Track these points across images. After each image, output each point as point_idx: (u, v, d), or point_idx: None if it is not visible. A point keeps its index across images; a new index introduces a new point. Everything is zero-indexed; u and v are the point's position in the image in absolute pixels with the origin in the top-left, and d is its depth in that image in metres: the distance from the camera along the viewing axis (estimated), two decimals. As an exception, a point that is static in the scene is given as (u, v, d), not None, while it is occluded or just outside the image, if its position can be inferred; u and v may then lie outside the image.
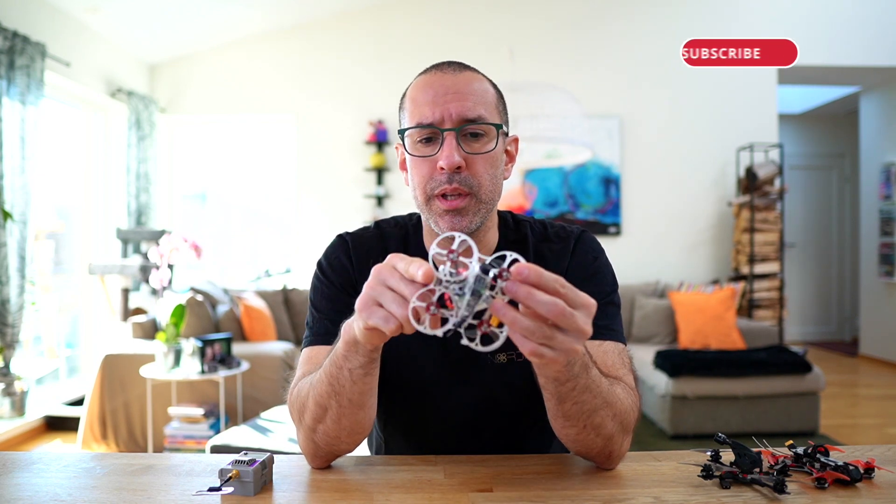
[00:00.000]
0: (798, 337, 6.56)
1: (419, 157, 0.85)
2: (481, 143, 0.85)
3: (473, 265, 0.58)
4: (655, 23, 4.89)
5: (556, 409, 0.74)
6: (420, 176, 0.85)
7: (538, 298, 0.56)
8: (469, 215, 0.84)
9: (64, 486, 0.74)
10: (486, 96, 0.86)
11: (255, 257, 5.28)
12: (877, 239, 5.45)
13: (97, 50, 4.14)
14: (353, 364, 0.73)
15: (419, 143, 0.85)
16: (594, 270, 0.92)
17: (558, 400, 0.72)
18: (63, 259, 4.18)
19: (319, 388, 0.77)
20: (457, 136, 0.83)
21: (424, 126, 0.84)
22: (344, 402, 0.75)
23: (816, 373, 3.32)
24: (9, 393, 3.32)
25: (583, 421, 0.73)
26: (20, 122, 3.20)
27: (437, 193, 0.84)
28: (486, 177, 0.85)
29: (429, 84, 0.85)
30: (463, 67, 0.87)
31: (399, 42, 4.90)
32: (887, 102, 5.41)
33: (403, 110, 0.88)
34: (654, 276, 4.79)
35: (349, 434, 0.78)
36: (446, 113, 0.83)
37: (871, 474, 0.75)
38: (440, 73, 0.86)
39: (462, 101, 0.83)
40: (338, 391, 0.75)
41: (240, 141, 5.25)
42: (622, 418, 0.76)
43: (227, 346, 3.04)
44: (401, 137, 0.87)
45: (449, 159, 0.81)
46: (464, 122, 0.83)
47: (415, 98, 0.86)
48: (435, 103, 0.83)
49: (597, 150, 4.63)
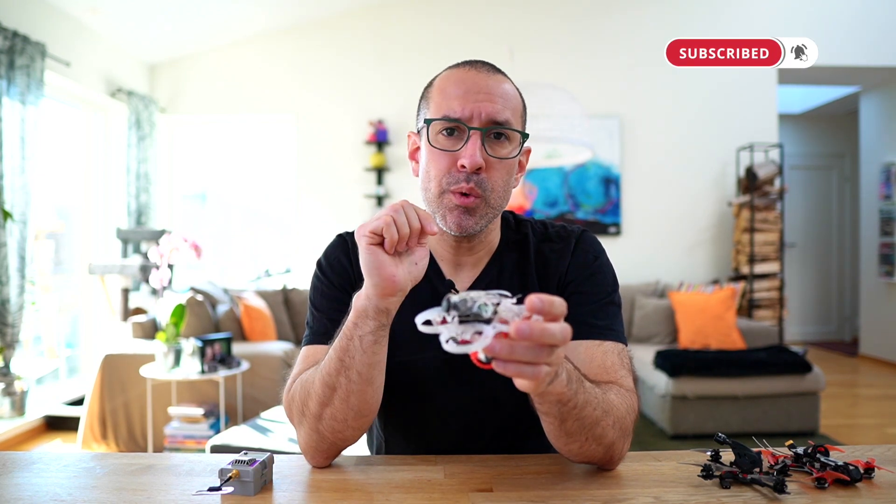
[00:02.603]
0: (798, 337, 6.56)
1: (441, 149, 0.84)
2: (505, 148, 0.85)
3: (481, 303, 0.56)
4: (656, 23, 4.89)
5: (559, 430, 0.73)
6: (438, 169, 0.85)
7: (550, 332, 0.54)
8: (476, 216, 0.84)
9: (64, 486, 0.74)
10: (514, 102, 0.86)
11: (255, 257, 5.28)
12: (877, 239, 5.45)
13: (97, 50, 4.14)
14: (363, 331, 0.74)
15: (441, 136, 0.85)
16: (595, 270, 0.92)
17: (560, 421, 0.71)
18: (63, 259, 4.18)
19: (328, 366, 0.77)
20: (482, 137, 0.83)
21: (452, 120, 0.83)
22: (353, 376, 0.75)
23: (816, 373, 3.32)
24: (9, 393, 3.32)
25: (585, 434, 0.73)
26: (20, 122, 3.20)
27: (452, 189, 0.84)
28: (500, 182, 0.85)
29: (461, 79, 0.85)
30: (495, 70, 0.88)
31: (399, 42, 4.90)
32: (887, 102, 5.41)
33: (429, 100, 0.88)
34: (654, 276, 4.79)
35: (356, 416, 0.78)
36: (476, 111, 0.82)
37: (871, 474, 0.75)
38: (474, 71, 0.86)
39: (493, 102, 0.83)
40: (347, 365, 0.75)
41: (240, 141, 5.25)
42: (621, 424, 0.76)
43: (227, 345, 3.04)
44: (426, 126, 0.86)
45: (472, 158, 0.81)
46: (491, 124, 0.83)
47: (444, 90, 0.85)
48: (466, 99, 0.83)
49: (597, 150, 4.63)
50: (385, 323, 0.75)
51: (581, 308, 0.87)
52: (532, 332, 0.53)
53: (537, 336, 0.53)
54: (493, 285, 0.92)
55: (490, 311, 0.55)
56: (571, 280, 0.92)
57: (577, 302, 0.87)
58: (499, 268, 0.94)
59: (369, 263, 0.71)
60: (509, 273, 0.93)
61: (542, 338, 0.53)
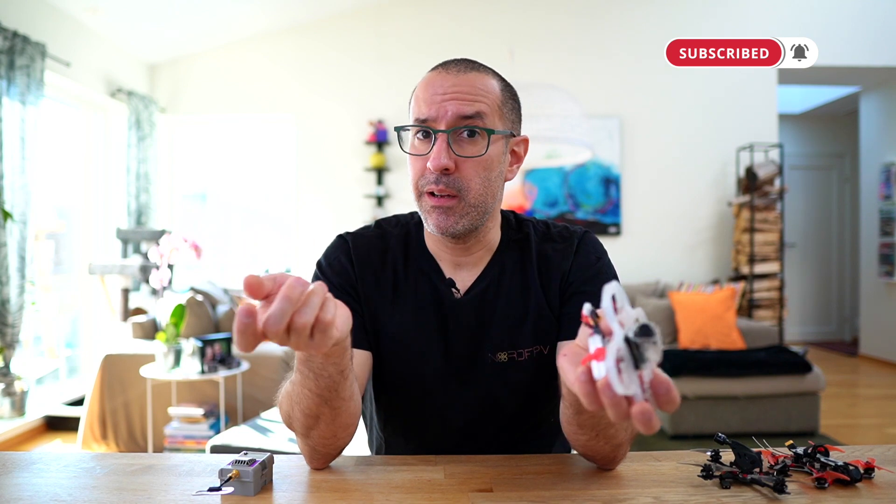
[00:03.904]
0: (798, 337, 6.56)
1: (414, 154, 0.86)
2: (475, 146, 0.84)
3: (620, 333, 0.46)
4: (656, 23, 4.89)
5: (573, 418, 0.73)
6: (414, 172, 0.86)
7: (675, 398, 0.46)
8: (455, 216, 0.84)
9: (64, 486, 0.74)
10: (490, 96, 0.85)
11: (255, 257, 5.28)
12: (877, 239, 5.45)
13: (97, 50, 4.14)
14: (331, 371, 0.69)
15: (417, 139, 0.86)
16: (597, 271, 0.92)
17: (577, 411, 0.71)
18: (63, 259, 4.18)
19: (305, 402, 0.73)
20: (448, 138, 0.82)
21: (416, 125, 0.84)
22: (337, 403, 0.73)
23: (816, 373, 3.32)
24: (9, 393, 3.32)
25: (596, 430, 0.73)
26: (20, 122, 3.20)
27: (426, 191, 0.84)
28: (475, 180, 0.84)
29: (431, 82, 0.85)
30: (470, 66, 0.86)
31: (399, 42, 4.90)
32: (887, 102, 5.41)
33: (410, 106, 0.89)
34: (654, 276, 4.79)
35: (344, 428, 0.78)
36: (441, 112, 0.82)
37: (871, 474, 0.75)
38: (444, 72, 0.85)
39: (459, 100, 0.82)
40: (328, 398, 0.72)
41: (240, 141, 5.25)
42: (630, 427, 0.76)
43: (227, 346, 3.04)
44: (400, 133, 0.87)
45: (435, 161, 0.82)
46: (459, 121, 0.82)
47: (417, 95, 0.86)
48: (433, 101, 0.83)
49: (597, 150, 4.63)
50: (349, 358, 0.71)
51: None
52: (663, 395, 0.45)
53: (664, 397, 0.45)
54: (494, 284, 0.92)
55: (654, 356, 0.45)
56: (574, 280, 0.92)
57: (579, 302, 0.87)
58: (500, 267, 0.94)
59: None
60: (510, 272, 0.93)
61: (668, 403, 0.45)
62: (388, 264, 0.94)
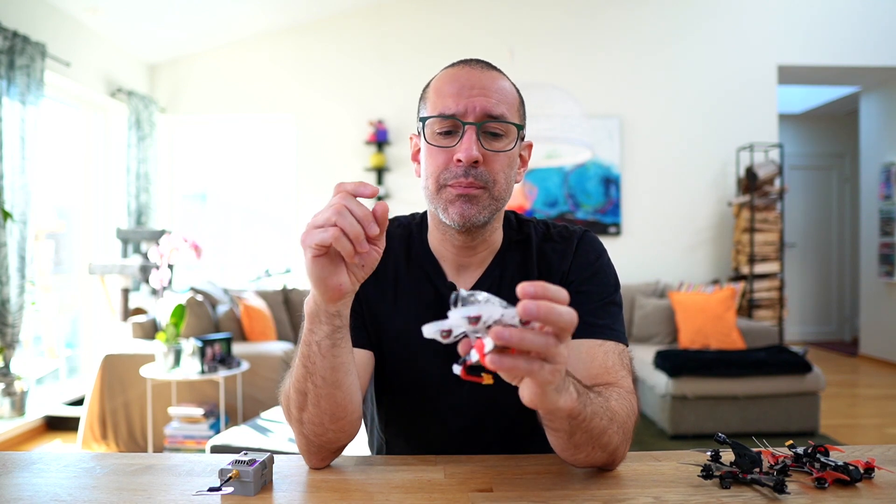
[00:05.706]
0: (798, 337, 6.56)
1: (437, 146, 0.85)
2: (501, 141, 0.85)
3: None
4: (656, 23, 4.90)
5: (567, 443, 0.72)
6: (435, 165, 0.85)
7: (558, 311, 0.53)
8: (479, 206, 0.84)
9: (64, 486, 0.74)
10: (510, 98, 0.87)
11: (255, 257, 5.28)
12: (877, 239, 5.45)
13: (97, 50, 4.14)
14: (319, 336, 0.72)
15: (438, 134, 0.85)
16: (596, 270, 0.92)
17: (570, 435, 0.70)
18: (63, 259, 4.18)
19: (296, 373, 0.76)
20: (477, 131, 0.83)
21: (446, 117, 0.84)
22: (318, 381, 0.74)
23: (816, 373, 3.32)
24: (9, 393, 3.32)
25: (592, 444, 0.72)
26: (20, 122, 3.20)
27: (450, 184, 0.84)
28: (501, 174, 0.85)
29: (455, 77, 0.86)
30: (490, 67, 0.88)
31: (399, 42, 4.90)
32: (887, 102, 5.41)
33: (425, 100, 0.89)
34: (654, 276, 4.79)
35: (332, 419, 0.77)
36: (470, 106, 0.83)
37: (871, 474, 0.75)
38: (468, 68, 0.86)
39: (487, 97, 0.83)
40: (311, 371, 0.74)
41: (240, 141, 5.25)
42: (623, 428, 0.76)
43: (226, 346, 3.04)
44: (421, 125, 0.87)
45: (468, 152, 0.82)
46: (486, 119, 0.83)
47: (439, 89, 0.86)
48: (460, 95, 0.83)
49: (597, 150, 4.63)
50: (340, 325, 0.73)
51: (582, 308, 0.86)
52: (539, 311, 0.52)
53: (544, 314, 0.52)
54: (495, 286, 0.92)
55: (498, 311, 0.54)
56: (573, 280, 0.92)
57: (579, 302, 0.87)
58: (501, 269, 0.94)
59: (314, 275, 0.68)
60: (511, 274, 0.93)
61: (549, 315, 0.52)
62: (389, 265, 0.94)
